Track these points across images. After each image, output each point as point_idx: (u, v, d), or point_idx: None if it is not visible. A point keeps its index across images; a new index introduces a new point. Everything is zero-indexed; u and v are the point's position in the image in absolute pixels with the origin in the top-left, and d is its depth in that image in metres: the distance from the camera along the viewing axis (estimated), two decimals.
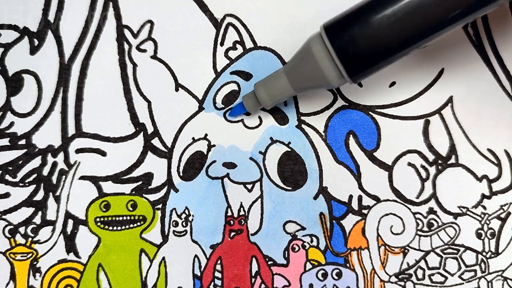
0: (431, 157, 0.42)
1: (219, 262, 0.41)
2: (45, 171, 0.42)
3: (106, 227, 0.42)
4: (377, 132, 0.43)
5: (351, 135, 0.43)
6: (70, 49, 0.43)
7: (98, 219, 0.42)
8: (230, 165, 0.42)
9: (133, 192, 0.42)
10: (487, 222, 0.42)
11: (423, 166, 0.42)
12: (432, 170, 0.42)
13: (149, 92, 0.43)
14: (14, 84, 0.43)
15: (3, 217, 0.42)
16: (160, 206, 0.42)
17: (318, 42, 0.37)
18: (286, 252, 0.42)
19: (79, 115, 0.43)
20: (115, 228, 0.42)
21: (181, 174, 0.42)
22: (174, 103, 0.43)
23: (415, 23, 0.35)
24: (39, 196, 0.42)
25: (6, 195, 0.42)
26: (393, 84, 0.43)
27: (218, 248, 0.42)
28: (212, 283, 0.41)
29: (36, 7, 0.43)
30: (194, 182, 0.42)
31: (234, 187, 0.42)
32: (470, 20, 0.35)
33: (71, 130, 0.42)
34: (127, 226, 0.42)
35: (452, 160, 0.42)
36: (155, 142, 0.42)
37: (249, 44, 0.43)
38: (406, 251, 0.42)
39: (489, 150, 0.42)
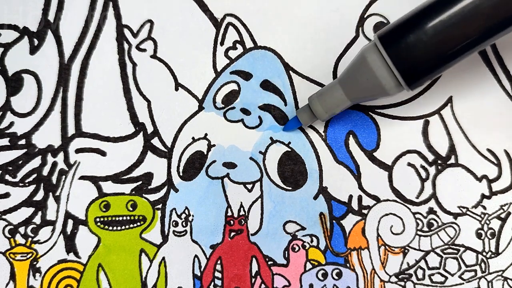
0: (430, 157, 0.42)
1: (219, 262, 0.41)
2: (45, 171, 0.42)
3: (106, 227, 0.42)
4: (377, 132, 0.43)
5: (351, 135, 0.43)
6: (70, 49, 0.43)
7: (98, 219, 0.42)
8: (230, 165, 0.42)
9: (133, 192, 0.42)
10: (487, 222, 0.42)
11: (423, 166, 0.42)
12: (432, 170, 0.42)
13: (149, 92, 0.43)
14: (14, 84, 0.43)
15: (3, 217, 0.42)
16: (160, 206, 0.42)
17: (373, 51, 0.36)
18: (286, 252, 0.42)
19: (79, 115, 0.42)
20: (115, 228, 0.42)
21: (181, 174, 0.42)
22: (174, 103, 0.43)
23: (470, 28, 0.34)
24: (39, 196, 0.42)
25: (6, 195, 0.42)
26: None
27: (218, 248, 0.42)
28: (212, 283, 0.41)
29: (36, 7, 0.43)
30: (194, 182, 0.42)
31: (234, 187, 0.42)
32: None
33: (71, 130, 0.42)
34: (127, 226, 0.42)
35: (452, 160, 0.42)
36: (155, 142, 0.42)
37: (249, 43, 0.43)
38: (406, 251, 0.42)
39: (489, 150, 0.42)
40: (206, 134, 0.42)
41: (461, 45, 0.35)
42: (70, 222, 0.42)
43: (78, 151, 0.42)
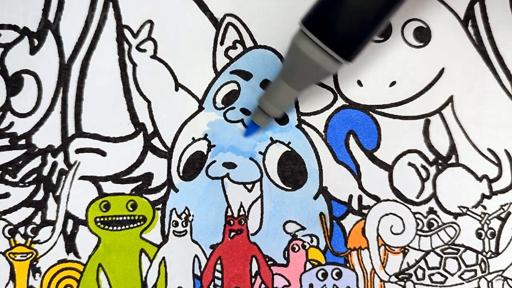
0: (431, 157, 0.42)
1: (219, 262, 0.41)
2: (45, 171, 0.42)
3: (106, 227, 0.42)
4: (377, 132, 0.43)
5: (351, 135, 0.43)
6: (70, 49, 0.43)
7: (98, 219, 0.42)
8: (230, 165, 0.42)
9: (133, 192, 0.42)
10: (487, 222, 0.42)
11: (423, 166, 0.42)
12: (432, 170, 0.42)
13: (149, 92, 0.43)
14: (14, 84, 0.43)
15: (3, 217, 0.42)
16: (160, 206, 0.42)
17: (303, 38, 0.37)
18: (286, 252, 0.42)
19: (79, 115, 0.43)
20: (115, 228, 0.42)
21: (181, 174, 0.42)
22: (174, 103, 0.43)
23: None
24: (39, 196, 0.42)
25: (6, 195, 0.42)
26: (393, 84, 0.43)
27: (218, 248, 0.42)
28: (212, 283, 0.41)
29: (36, 7, 0.43)
30: (194, 182, 0.42)
31: (234, 187, 0.42)
32: None
33: (71, 130, 0.42)
34: (127, 226, 0.42)
35: (453, 160, 0.42)
36: (155, 142, 0.42)
37: (249, 43, 0.43)
38: (406, 251, 0.42)
39: (489, 150, 0.42)
40: (206, 134, 0.42)
41: (379, 6, 0.36)
42: (70, 222, 0.42)
43: (78, 151, 0.42)
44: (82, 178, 0.42)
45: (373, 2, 0.36)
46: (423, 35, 0.43)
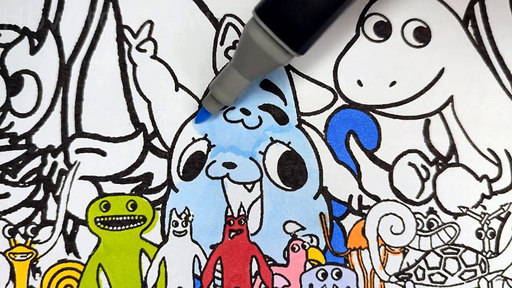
0: (431, 156, 0.42)
1: (219, 262, 0.41)
2: (45, 171, 0.42)
3: (106, 227, 0.42)
4: (378, 132, 0.43)
5: (351, 135, 0.43)
6: (70, 49, 0.43)
7: (98, 219, 0.42)
8: (230, 165, 0.42)
9: (133, 192, 0.42)
10: (487, 222, 0.42)
11: (423, 166, 0.42)
12: (433, 170, 0.42)
13: (149, 92, 0.43)
14: (14, 84, 0.43)
15: (3, 217, 0.42)
16: (160, 206, 0.42)
17: (254, 26, 0.37)
18: (286, 252, 0.42)
19: (79, 115, 0.43)
20: (115, 228, 0.42)
21: (181, 174, 0.42)
22: (174, 103, 0.43)
23: None
24: (39, 196, 0.42)
25: (6, 195, 0.42)
26: (393, 83, 0.43)
27: (218, 248, 0.42)
28: (212, 283, 0.41)
29: (36, 7, 0.43)
30: (194, 182, 0.42)
31: (234, 187, 0.42)
32: None
33: (71, 130, 0.42)
34: (127, 226, 0.42)
35: (453, 160, 0.42)
36: (155, 142, 0.42)
37: None
38: (406, 251, 0.42)
39: (489, 150, 0.42)
40: (206, 135, 0.42)
41: (331, 2, 0.36)
42: (70, 222, 0.42)
43: (78, 151, 0.42)
44: (82, 178, 0.42)
45: None
46: (423, 35, 0.43)
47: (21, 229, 0.42)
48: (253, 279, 0.41)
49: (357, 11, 0.43)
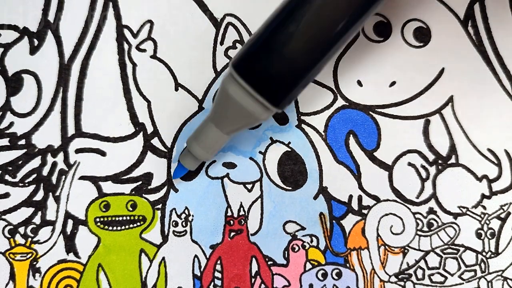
0: (431, 157, 0.42)
1: (219, 262, 0.41)
2: (45, 171, 0.42)
3: (106, 227, 0.42)
4: (377, 132, 0.43)
5: (351, 135, 0.43)
6: (70, 49, 0.43)
7: (98, 219, 0.42)
8: (230, 165, 0.42)
9: (133, 192, 0.42)
10: (487, 222, 0.42)
11: (423, 166, 0.42)
12: (432, 170, 0.42)
13: (148, 92, 0.43)
14: (14, 84, 0.43)
15: (3, 217, 0.42)
16: (160, 206, 0.42)
17: (232, 82, 0.35)
18: (286, 252, 0.42)
19: (79, 115, 0.42)
20: (115, 228, 0.42)
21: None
22: (174, 103, 0.43)
23: (317, 34, 0.34)
24: (39, 196, 0.42)
25: (6, 195, 0.42)
26: (393, 84, 0.43)
27: (218, 248, 0.42)
28: (212, 283, 0.41)
29: (36, 7, 0.43)
30: (194, 182, 0.42)
31: (234, 187, 0.42)
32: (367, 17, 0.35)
33: (71, 130, 0.42)
34: (127, 226, 0.42)
35: (452, 160, 0.42)
36: (155, 142, 0.42)
37: None
38: (406, 251, 0.42)
39: (489, 150, 0.42)
40: None
41: (313, 53, 0.34)
42: (70, 222, 0.42)
43: (78, 151, 0.42)
44: (82, 178, 0.42)
45: (303, 50, 0.34)
46: (423, 35, 0.43)
47: (21, 229, 0.41)
48: (253, 279, 0.41)
49: None
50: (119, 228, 0.42)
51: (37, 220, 0.42)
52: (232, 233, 0.42)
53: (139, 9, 0.43)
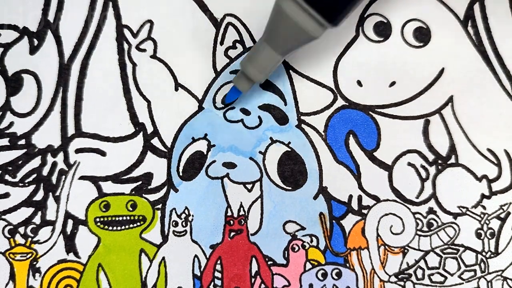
0: (431, 157, 0.42)
1: (219, 262, 0.41)
2: (45, 171, 0.42)
3: (106, 227, 0.42)
4: (377, 132, 0.43)
5: (351, 135, 0.43)
6: (70, 49, 0.43)
7: (98, 219, 0.42)
8: (230, 165, 0.42)
9: (133, 192, 0.42)
10: (487, 222, 0.42)
11: (423, 166, 0.42)
12: (432, 170, 0.42)
13: (148, 92, 0.43)
14: (14, 84, 0.43)
15: (3, 217, 0.42)
16: (160, 206, 0.42)
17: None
18: (286, 252, 0.42)
19: (79, 115, 0.43)
20: (115, 228, 0.42)
21: (180, 174, 0.42)
22: (174, 103, 0.43)
23: None
24: (39, 196, 0.42)
25: (6, 195, 0.42)
26: (393, 84, 0.43)
27: (218, 248, 0.42)
28: (212, 283, 0.41)
29: (36, 7, 0.43)
30: (194, 182, 0.42)
31: (234, 187, 0.42)
32: None
33: (71, 130, 0.42)
34: (127, 226, 0.42)
35: (452, 160, 0.42)
36: (155, 142, 0.42)
37: (249, 43, 0.43)
38: (405, 251, 0.42)
39: (489, 150, 0.42)
40: (206, 134, 0.42)
41: None
42: (70, 222, 0.42)
43: (78, 151, 0.42)
44: (82, 178, 0.42)
45: None
46: (423, 35, 0.43)
47: (21, 229, 0.42)
48: (253, 279, 0.41)
49: (357, 11, 0.43)
50: (119, 228, 0.42)
51: (37, 220, 0.42)
52: (232, 233, 0.42)
53: (139, 9, 0.43)
